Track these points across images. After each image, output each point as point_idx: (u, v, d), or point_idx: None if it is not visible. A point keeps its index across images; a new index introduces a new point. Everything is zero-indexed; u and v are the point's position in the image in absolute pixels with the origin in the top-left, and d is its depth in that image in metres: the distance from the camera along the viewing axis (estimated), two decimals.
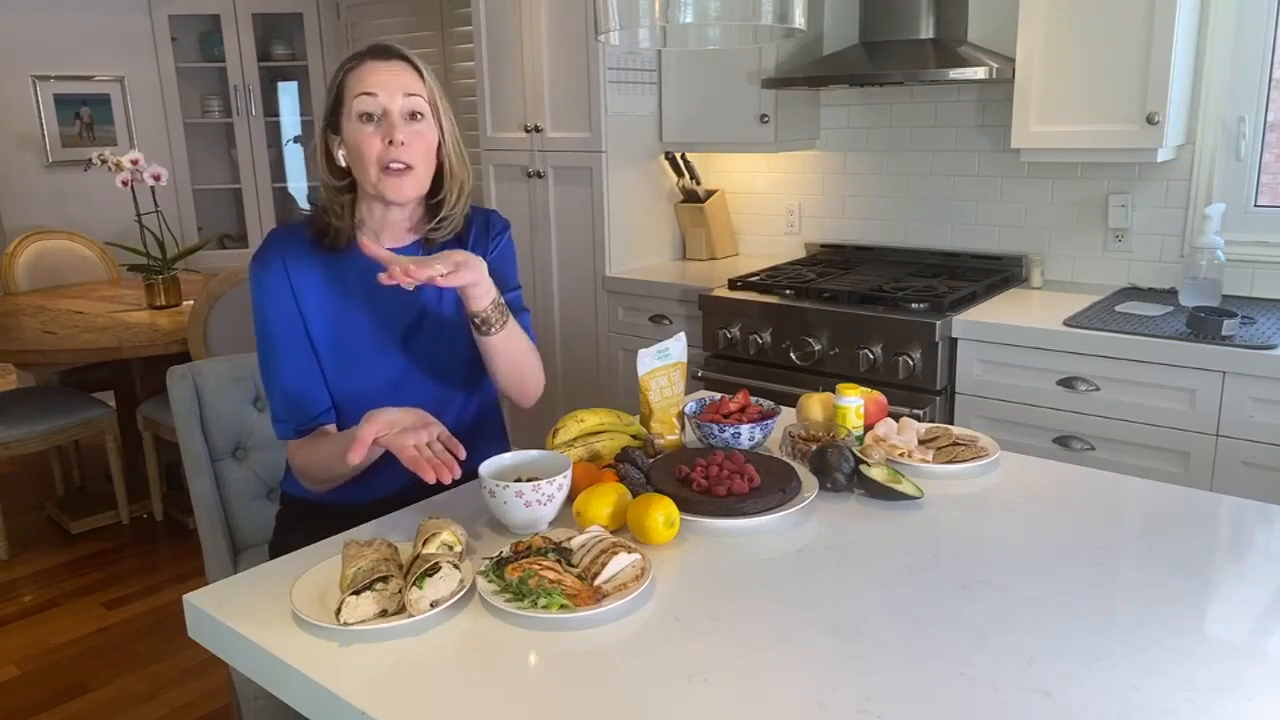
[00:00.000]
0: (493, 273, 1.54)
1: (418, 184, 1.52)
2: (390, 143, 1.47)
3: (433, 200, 1.60)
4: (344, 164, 1.53)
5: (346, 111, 1.49)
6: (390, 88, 1.48)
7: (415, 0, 4.47)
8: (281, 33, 5.08)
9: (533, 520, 1.33)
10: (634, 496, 1.34)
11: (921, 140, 3.11)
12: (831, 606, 1.13)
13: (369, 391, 1.57)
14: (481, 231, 1.67)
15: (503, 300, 1.52)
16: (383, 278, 1.35)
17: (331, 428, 1.58)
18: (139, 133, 4.91)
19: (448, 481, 1.28)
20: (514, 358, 1.58)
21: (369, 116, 1.48)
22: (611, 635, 1.08)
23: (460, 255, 1.41)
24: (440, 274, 1.37)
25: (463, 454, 1.33)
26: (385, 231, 1.59)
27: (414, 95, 1.50)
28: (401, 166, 1.48)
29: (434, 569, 1.14)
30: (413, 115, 1.50)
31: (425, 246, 1.60)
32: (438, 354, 1.61)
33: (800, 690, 0.97)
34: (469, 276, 1.41)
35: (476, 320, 1.49)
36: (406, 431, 1.33)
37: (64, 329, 3.25)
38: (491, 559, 1.21)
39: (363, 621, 1.10)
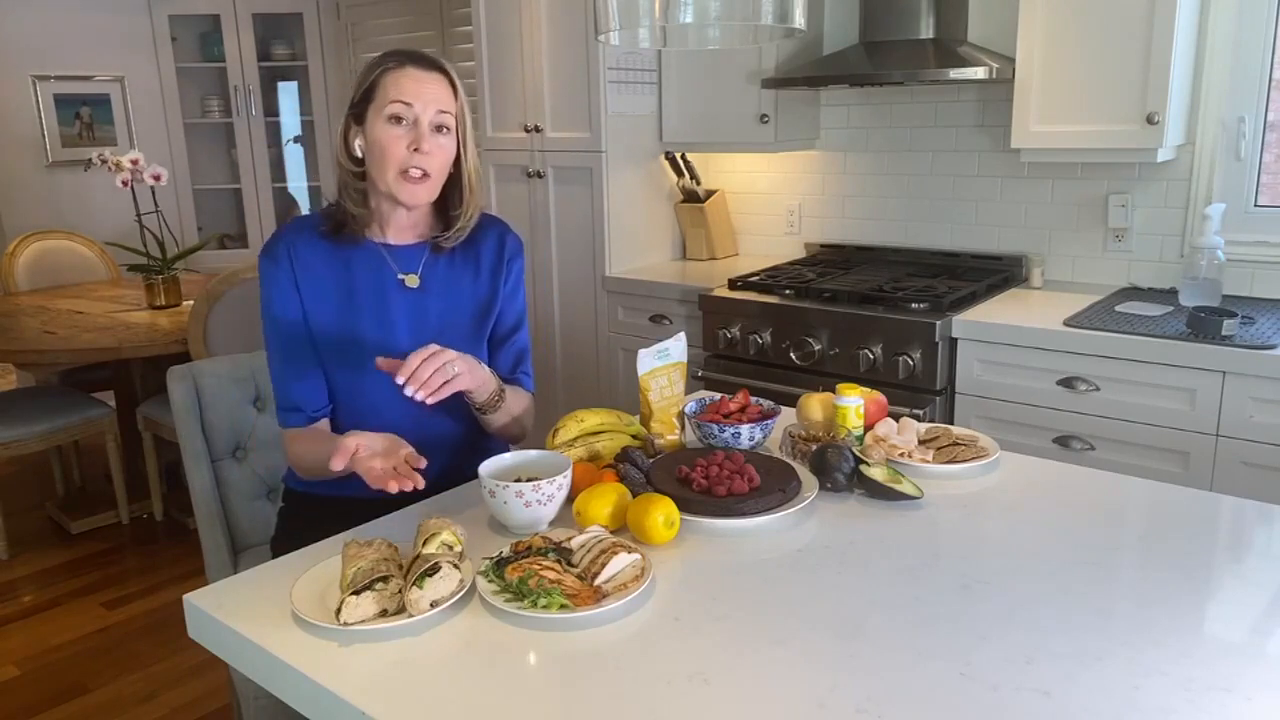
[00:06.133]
0: (504, 307, 1.67)
1: (431, 191, 1.56)
2: (416, 150, 1.50)
3: (444, 207, 1.64)
4: (360, 154, 1.56)
5: (376, 108, 1.52)
6: (426, 99, 1.51)
7: (415, 0, 4.47)
8: (281, 33, 5.08)
9: (533, 520, 1.33)
10: (634, 496, 1.34)
11: (921, 140, 3.11)
12: (831, 606, 1.13)
13: (370, 385, 1.58)
14: (496, 250, 1.70)
15: (502, 387, 1.58)
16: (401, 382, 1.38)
17: (326, 423, 1.62)
18: (139, 133, 4.91)
19: (408, 489, 1.30)
20: (506, 424, 1.64)
21: (399, 119, 1.51)
22: (611, 635, 1.08)
23: (464, 364, 1.43)
24: (451, 376, 1.40)
25: (423, 465, 1.35)
26: (391, 229, 1.62)
27: (446, 112, 1.54)
28: (420, 174, 1.52)
29: (434, 569, 1.14)
30: (440, 129, 1.54)
31: (433, 250, 1.65)
32: None
33: (800, 690, 0.97)
34: (468, 382, 1.46)
35: (476, 408, 1.56)
36: (375, 455, 1.36)
37: (64, 329, 3.25)
38: (491, 559, 1.21)
39: (363, 621, 1.10)
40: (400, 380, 1.36)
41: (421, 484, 1.31)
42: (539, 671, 1.02)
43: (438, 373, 1.38)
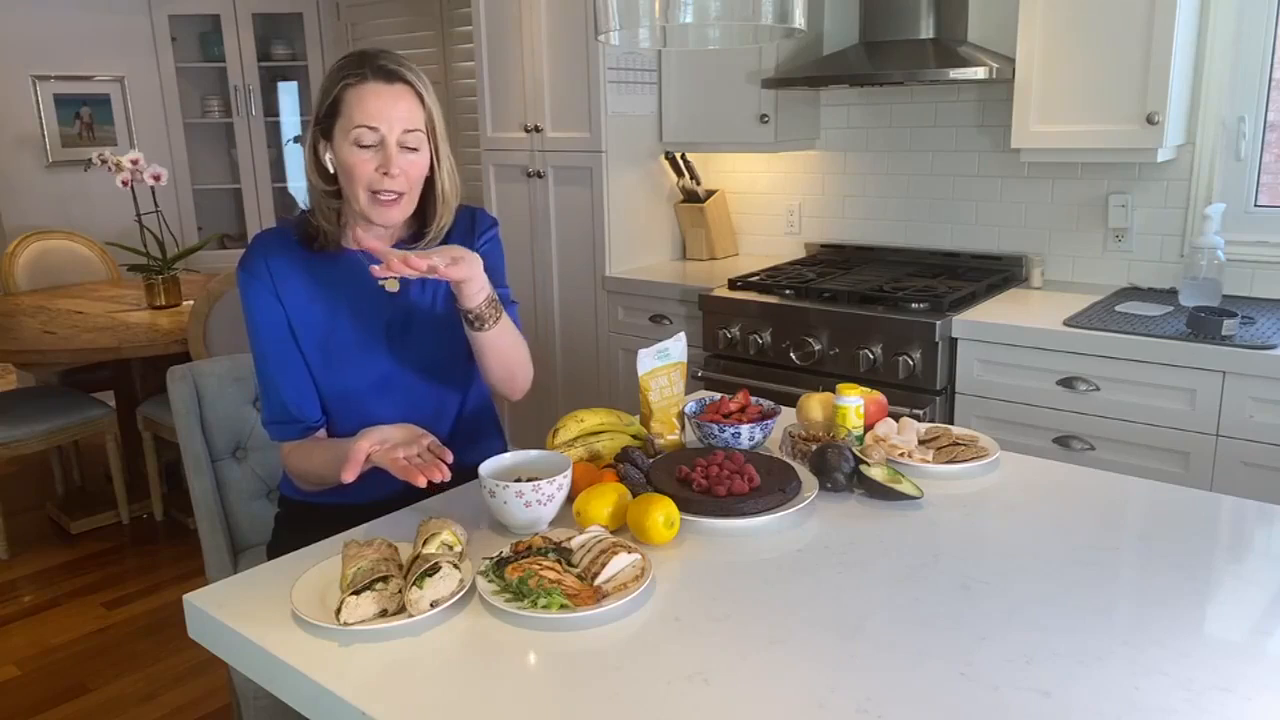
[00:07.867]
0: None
1: (405, 210, 1.53)
2: (385, 174, 1.47)
3: (424, 210, 1.60)
4: (332, 170, 1.52)
5: (342, 129, 1.47)
6: (391, 120, 1.46)
7: (415, 0, 4.47)
8: (281, 33, 5.08)
9: (533, 520, 1.33)
10: (634, 496, 1.34)
11: (921, 140, 3.11)
12: (831, 606, 1.13)
13: (357, 391, 1.57)
14: (466, 229, 1.66)
15: (496, 296, 1.52)
16: (378, 270, 1.34)
17: (323, 433, 1.60)
18: (139, 133, 4.91)
19: (437, 480, 1.28)
20: (505, 353, 1.57)
21: (365, 144, 1.47)
22: (611, 635, 1.08)
23: (458, 250, 1.40)
24: (439, 265, 1.36)
25: (450, 458, 1.34)
26: (369, 236, 1.59)
27: (413, 130, 1.48)
28: (391, 197, 1.49)
29: (434, 569, 1.14)
30: (409, 146, 1.49)
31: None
32: (426, 353, 1.62)
33: (800, 690, 0.97)
34: (465, 271, 1.40)
35: (470, 316, 1.49)
36: (396, 446, 1.35)
37: (64, 329, 3.25)
38: (491, 559, 1.21)
39: (363, 621, 1.10)
40: (377, 272, 1.34)
41: (449, 475, 1.29)
42: (539, 671, 1.02)
43: (412, 264, 1.33)
